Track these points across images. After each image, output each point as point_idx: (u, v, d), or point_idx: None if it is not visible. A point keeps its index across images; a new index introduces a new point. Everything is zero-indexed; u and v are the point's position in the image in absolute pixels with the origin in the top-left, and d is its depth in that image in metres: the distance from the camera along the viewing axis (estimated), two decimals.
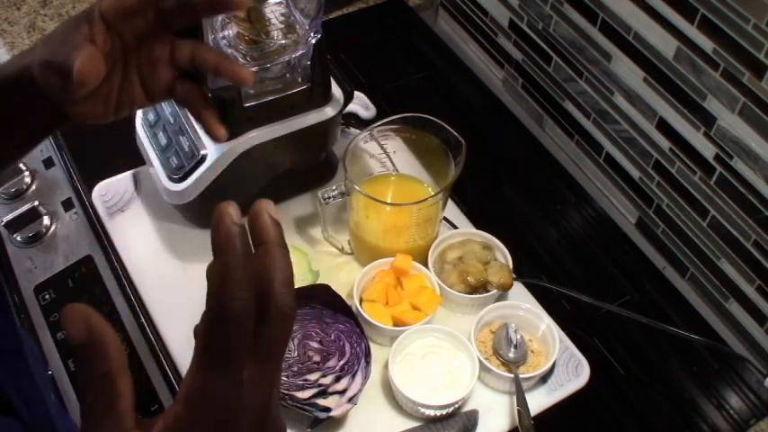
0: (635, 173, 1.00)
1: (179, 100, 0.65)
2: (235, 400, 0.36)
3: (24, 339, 0.57)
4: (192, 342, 0.37)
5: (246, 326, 0.36)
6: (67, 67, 0.52)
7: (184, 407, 0.36)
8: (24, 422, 0.51)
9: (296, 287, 0.86)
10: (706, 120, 0.85)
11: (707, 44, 0.81)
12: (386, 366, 0.81)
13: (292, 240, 0.93)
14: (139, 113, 0.93)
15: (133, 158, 0.95)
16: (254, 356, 0.36)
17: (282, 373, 0.76)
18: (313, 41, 0.82)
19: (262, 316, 0.37)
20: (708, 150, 0.87)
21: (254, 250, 0.39)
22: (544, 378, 0.84)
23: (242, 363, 0.36)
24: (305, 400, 0.75)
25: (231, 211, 0.40)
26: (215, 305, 0.37)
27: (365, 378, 0.78)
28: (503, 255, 0.90)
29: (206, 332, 0.36)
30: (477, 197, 1.03)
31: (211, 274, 0.38)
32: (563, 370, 0.84)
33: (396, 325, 0.83)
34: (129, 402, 0.36)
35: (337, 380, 0.77)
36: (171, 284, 0.89)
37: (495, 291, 0.87)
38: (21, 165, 0.97)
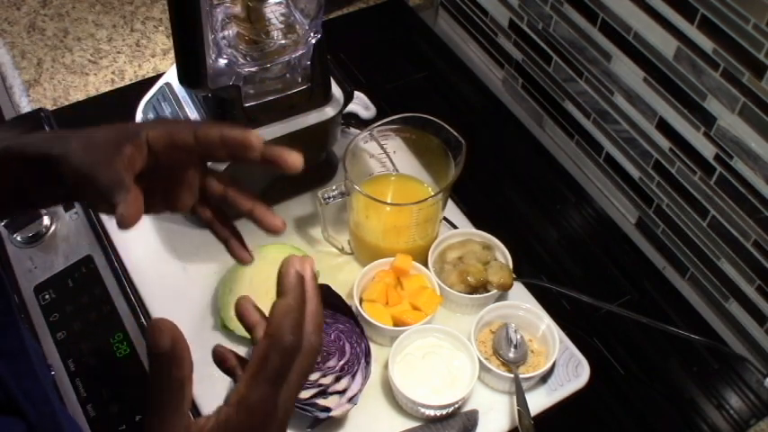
0: (635, 173, 1.00)
1: (203, 221, 0.64)
2: (273, 409, 0.46)
3: (27, 339, 0.57)
4: (193, 346, 0.45)
5: (294, 356, 0.47)
6: (109, 198, 0.51)
7: (236, 410, 0.46)
8: (29, 422, 0.52)
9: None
10: (706, 120, 0.85)
11: (707, 44, 0.81)
12: (386, 366, 0.81)
13: (292, 240, 0.93)
14: (139, 113, 0.93)
15: None
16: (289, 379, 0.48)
17: None
18: (313, 41, 0.82)
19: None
20: (708, 150, 0.87)
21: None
22: (544, 378, 0.84)
23: (284, 382, 0.47)
24: (305, 400, 0.75)
25: (297, 261, 0.51)
26: (277, 334, 0.47)
27: (365, 378, 0.78)
28: (503, 255, 0.90)
29: (264, 354, 0.47)
30: (477, 197, 1.03)
31: (278, 309, 0.48)
32: (563, 370, 0.84)
33: (396, 325, 0.83)
34: (190, 405, 0.46)
35: (337, 380, 0.77)
36: (171, 284, 0.89)
37: (495, 291, 0.87)
38: None
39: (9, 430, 0.50)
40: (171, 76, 0.91)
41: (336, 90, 0.89)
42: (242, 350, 0.84)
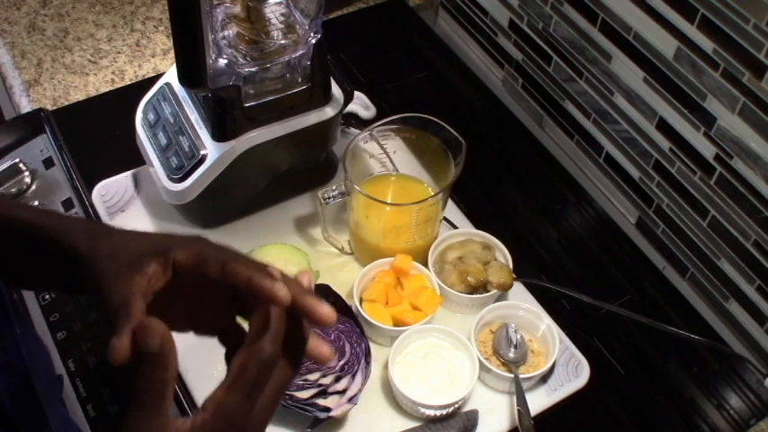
0: (635, 173, 1.00)
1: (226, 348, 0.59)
2: (247, 418, 0.47)
3: (28, 349, 0.55)
4: (193, 346, 0.46)
5: (272, 367, 0.48)
6: (111, 319, 0.48)
7: (212, 417, 0.46)
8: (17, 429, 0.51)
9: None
10: (706, 120, 0.85)
11: (707, 44, 0.81)
12: (386, 366, 0.81)
13: (292, 240, 0.93)
14: (139, 113, 0.93)
15: (133, 158, 0.95)
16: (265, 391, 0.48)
17: None
18: (313, 41, 0.82)
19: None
20: (708, 150, 0.87)
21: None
22: (544, 378, 0.84)
23: (261, 393, 0.48)
24: (305, 400, 0.75)
25: (276, 272, 0.50)
26: (256, 345, 0.47)
27: (365, 378, 0.78)
28: (503, 255, 0.90)
29: (243, 364, 0.47)
30: (477, 197, 1.03)
31: (257, 320, 0.48)
32: (563, 370, 0.84)
33: (396, 325, 0.83)
34: (170, 408, 0.46)
35: (337, 380, 0.77)
36: None
37: (495, 291, 0.87)
38: (21, 165, 0.97)
39: None
40: (171, 76, 0.92)
41: (336, 90, 0.89)
42: None
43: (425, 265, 0.88)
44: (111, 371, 0.84)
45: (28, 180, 0.97)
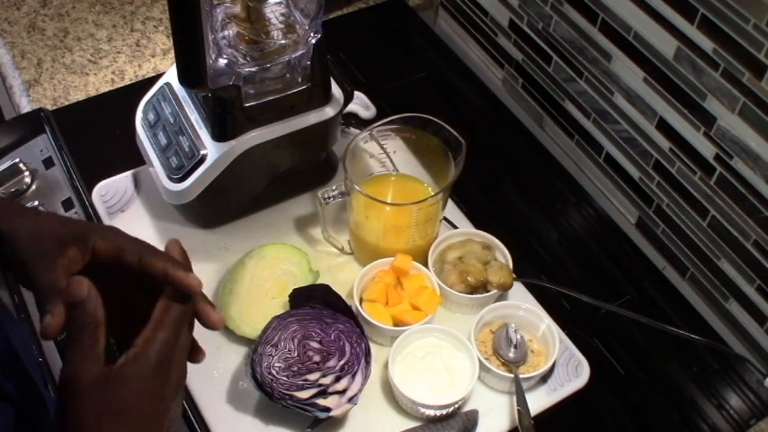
0: (635, 173, 1.00)
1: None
2: (173, 351, 0.54)
3: (11, 330, 0.58)
4: None
5: (191, 308, 0.56)
6: (41, 300, 0.56)
7: (142, 350, 0.52)
8: (16, 405, 0.56)
9: (296, 287, 0.86)
10: (706, 120, 0.85)
11: (707, 44, 0.81)
12: (386, 366, 0.81)
13: (292, 240, 0.93)
14: (139, 113, 0.93)
15: (133, 158, 0.95)
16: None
17: (282, 373, 0.76)
18: (313, 41, 0.82)
19: None
20: (708, 150, 0.87)
21: None
22: (544, 378, 0.84)
23: (183, 328, 0.55)
24: (305, 400, 0.75)
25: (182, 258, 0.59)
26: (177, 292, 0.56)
27: (365, 378, 0.78)
28: (503, 255, 0.90)
29: (167, 305, 0.54)
30: (477, 197, 1.03)
31: (172, 268, 0.56)
32: (563, 370, 0.84)
33: (396, 325, 0.83)
34: (104, 346, 0.52)
35: (337, 380, 0.77)
36: None
37: (495, 291, 0.87)
38: (21, 165, 0.97)
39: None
40: (171, 76, 0.92)
41: (336, 90, 0.89)
42: (242, 350, 0.84)
43: (425, 265, 0.88)
44: None
45: (28, 180, 0.97)
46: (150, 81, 0.96)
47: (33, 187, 0.98)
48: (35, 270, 0.56)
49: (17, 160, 0.97)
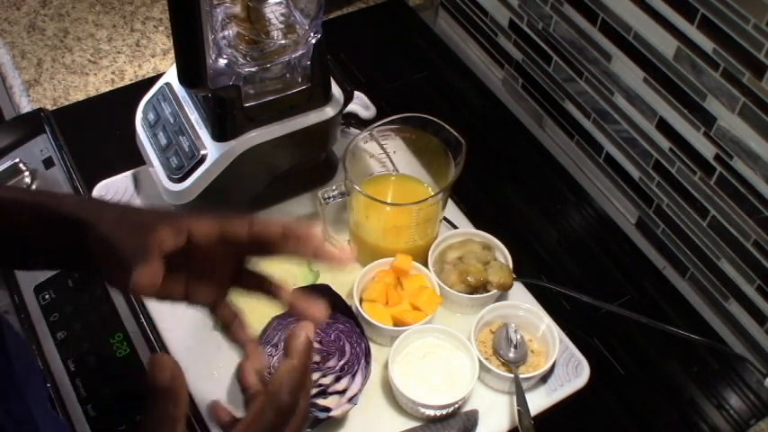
0: (635, 173, 1.00)
1: (222, 322, 0.62)
2: None
3: (19, 368, 0.55)
4: (193, 346, 0.44)
5: (288, 417, 0.51)
6: (129, 265, 0.50)
7: None
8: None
9: (296, 287, 0.86)
10: (706, 120, 0.85)
11: (707, 44, 0.81)
12: (386, 366, 0.81)
13: None
14: (139, 113, 0.93)
15: (133, 158, 0.95)
16: None
17: None
18: (313, 41, 0.82)
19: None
20: (708, 150, 0.87)
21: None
22: (544, 378, 0.84)
23: None
24: None
25: (309, 328, 0.54)
26: (277, 392, 0.50)
27: (365, 378, 0.78)
28: (503, 255, 0.90)
29: (261, 409, 0.50)
30: (477, 197, 1.03)
31: (282, 368, 0.51)
32: (563, 370, 0.84)
33: (396, 325, 0.83)
34: None
35: (337, 380, 0.77)
36: None
37: (495, 291, 0.87)
38: (21, 165, 0.97)
39: None
40: (171, 76, 0.92)
41: (336, 90, 0.89)
42: (242, 350, 0.84)
43: (425, 265, 0.88)
44: (112, 371, 0.84)
45: (28, 180, 0.97)
46: (150, 81, 0.96)
47: (33, 187, 0.98)
48: (123, 244, 0.51)
49: (17, 160, 0.97)
